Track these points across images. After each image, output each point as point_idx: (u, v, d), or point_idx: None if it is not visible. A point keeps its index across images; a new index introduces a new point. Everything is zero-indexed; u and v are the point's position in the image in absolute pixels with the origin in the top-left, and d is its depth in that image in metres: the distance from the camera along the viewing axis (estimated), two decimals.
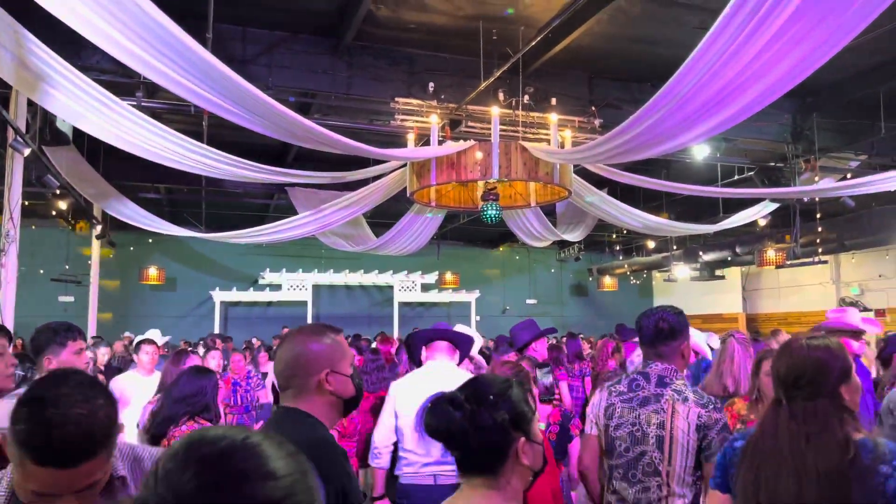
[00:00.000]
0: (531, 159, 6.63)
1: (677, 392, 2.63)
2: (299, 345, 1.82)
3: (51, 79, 4.48)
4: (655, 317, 2.76)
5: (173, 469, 0.79)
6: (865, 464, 1.77)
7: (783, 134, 8.77)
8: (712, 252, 14.48)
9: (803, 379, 1.91)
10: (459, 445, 1.51)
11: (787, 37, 3.44)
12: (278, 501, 0.78)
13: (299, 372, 1.77)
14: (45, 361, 2.87)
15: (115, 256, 13.66)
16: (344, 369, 1.82)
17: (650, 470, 2.60)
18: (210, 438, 0.81)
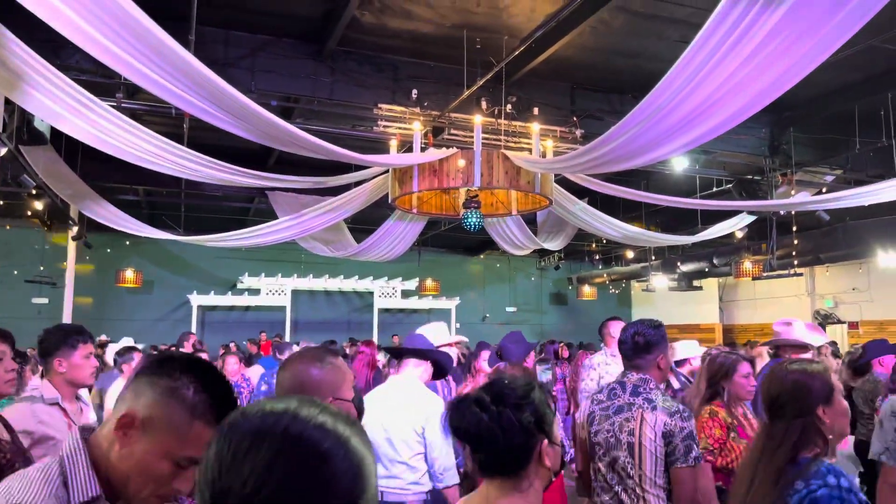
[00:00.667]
0: (513, 168, 6.66)
1: (648, 401, 2.79)
2: (301, 372, 1.81)
3: (29, 78, 4.42)
4: (632, 330, 2.92)
5: (248, 450, 0.79)
6: (788, 479, 1.90)
7: (761, 147, 8.89)
8: (690, 263, 14.64)
9: (781, 400, 2.03)
10: (485, 446, 1.53)
11: (765, 52, 3.50)
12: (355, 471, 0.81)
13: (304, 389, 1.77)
14: (55, 364, 2.82)
15: (91, 258, 13.49)
16: (346, 394, 1.82)
17: (623, 474, 2.78)
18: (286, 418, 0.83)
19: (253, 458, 0.78)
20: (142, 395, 1.27)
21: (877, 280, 14.62)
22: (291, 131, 5.12)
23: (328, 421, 0.84)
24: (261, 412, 0.84)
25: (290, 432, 0.81)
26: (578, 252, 16.52)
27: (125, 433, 1.26)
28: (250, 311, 15.67)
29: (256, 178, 6.94)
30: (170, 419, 1.26)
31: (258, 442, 0.80)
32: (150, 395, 1.27)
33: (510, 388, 1.57)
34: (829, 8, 3.09)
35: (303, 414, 0.83)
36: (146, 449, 1.26)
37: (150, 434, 1.26)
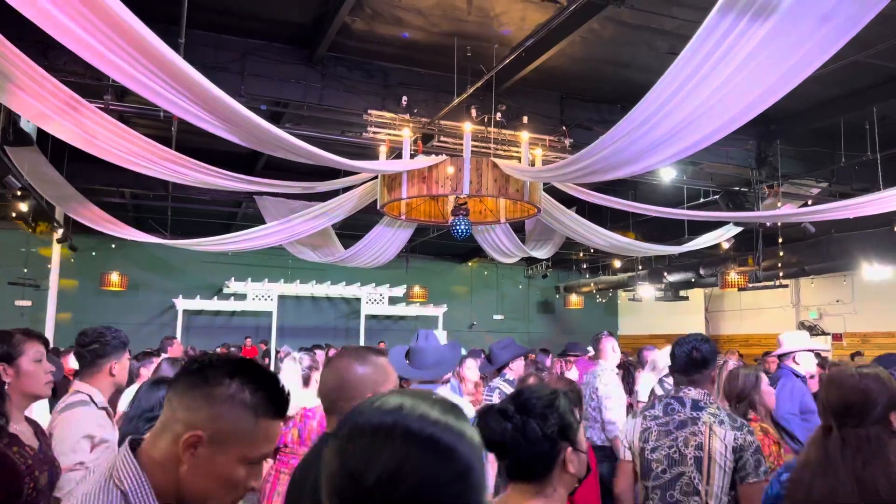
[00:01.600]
0: (502, 176, 6.67)
1: (713, 415, 2.78)
2: (343, 369, 1.84)
3: (16, 78, 4.38)
4: (689, 347, 2.94)
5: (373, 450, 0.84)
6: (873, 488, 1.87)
7: (748, 159, 8.97)
8: (677, 273, 14.72)
9: (854, 408, 2.00)
10: (509, 454, 1.58)
11: (753, 65, 3.54)
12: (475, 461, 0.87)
13: (344, 396, 1.78)
14: (109, 368, 2.80)
15: (75, 261, 13.38)
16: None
17: (689, 490, 2.72)
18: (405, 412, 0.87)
19: (380, 457, 0.83)
20: (200, 410, 1.25)
21: (861, 292, 14.75)
22: (280, 136, 5.11)
23: (441, 415, 0.88)
24: (377, 411, 0.88)
25: (411, 430, 0.85)
26: (566, 261, 16.56)
27: (193, 452, 1.24)
28: (236, 316, 15.58)
29: (244, 183, 6.91)
30: (237, 427, 1.25)
31: (384, 441, 0.84)
32: (209, 409, 1.25)
33: (535, 397, 1.62)
34: (816, 23, 3.13)
35: (418, 410, 0.87)
36: (221, 461, 1.25)
37: (221, 446, 1.25)
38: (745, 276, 12.25)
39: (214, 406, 1.24)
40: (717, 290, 15.71)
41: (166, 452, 1.25)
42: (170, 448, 1.25)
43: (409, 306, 16.68)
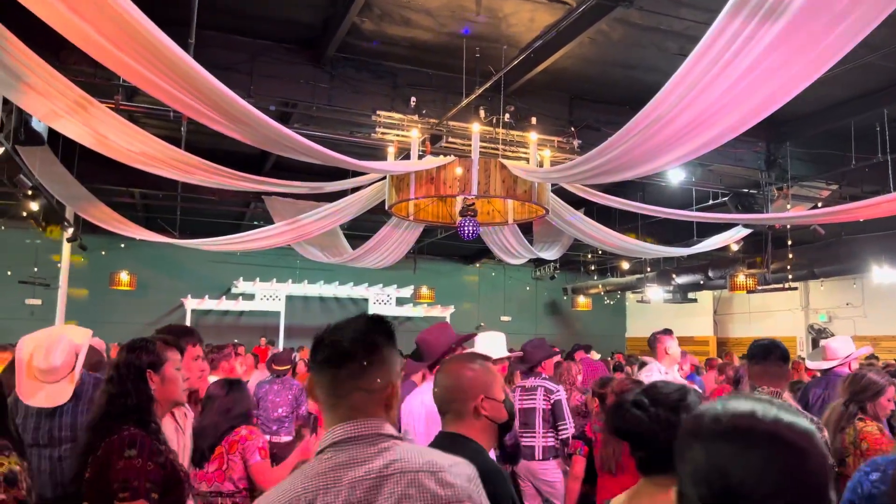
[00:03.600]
0: (510, 177, 6.66)
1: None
2: (455, 372, 2.00)
3: (28, 78, 4.41)
4: (767, 342, 3.14)
5: (732, 446, 0.95)
6: None
7: (757, 161, 8.93)
8: (685, 275, 14.66)
9: None
10: (646, 445, 1.64)
11: (763, 67, 3.52)
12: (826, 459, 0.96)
13: (458, 397, 1.95)
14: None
15: (85, 260, 13.45)
16: (497, 395, 1.99)
17: None
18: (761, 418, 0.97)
19: (744, 459, 0.93)
20: (384, 372, 1.48)
21: (871, 295, 14.65)
22: (290, 136, 5.12)
23: (790, 416, 0.98)
24: (733, 416, 0.99)
25: (770, 432, 0.95)
26: (574, 262, 16.53)
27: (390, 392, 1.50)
28: (244, 316, 15.62)
29: (253, 183, 6.93)
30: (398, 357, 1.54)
31: (746, 443, 0.95)
32: (389, 367, 1.49)
33: (665, 391, 1.70)
34: (827, 24, 3.11)
35: (771, 414, 0.97)
36: (397, 386, 1.53)
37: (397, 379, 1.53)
38: (754, 278, 12.20)
39: (389, 361, 1.49)
40: (726, 292, 15.63)
41: (377, 411, 1.47)
42: (378, 408, 1.47)
43: (416, 307, 16.69)
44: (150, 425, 2.24)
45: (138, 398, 2.24)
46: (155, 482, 2.08)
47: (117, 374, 2.30)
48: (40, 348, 3.11)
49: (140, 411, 2.23)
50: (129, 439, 2.12)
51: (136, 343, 2.41)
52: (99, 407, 2.29)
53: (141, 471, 2.07)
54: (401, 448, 1.43)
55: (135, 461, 2.07)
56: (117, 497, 2.04)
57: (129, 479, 2.05)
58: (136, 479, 2.05)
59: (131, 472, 2.06)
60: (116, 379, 2.29)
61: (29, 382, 3.10)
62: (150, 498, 2.05)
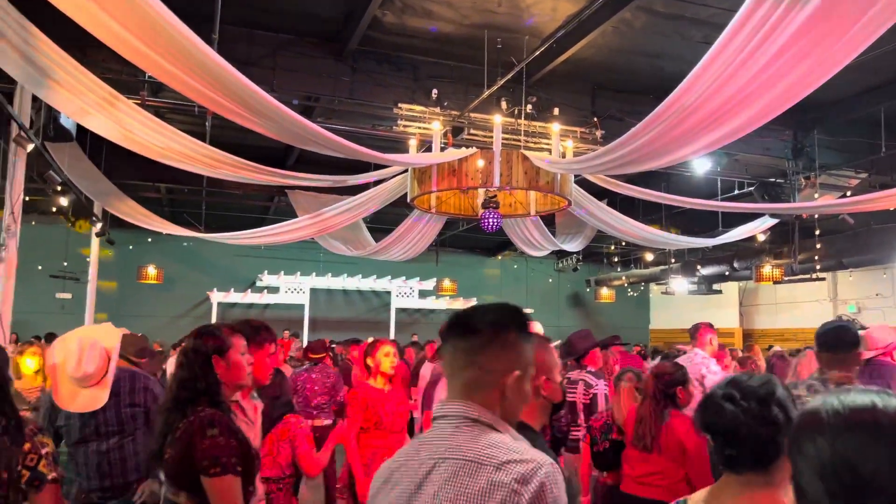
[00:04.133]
0: (532, 168, 6.65)
1: None
2: None
3: (56, 75, 4.49)
4: (836, 324, 3.11)
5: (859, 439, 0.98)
6: None
7: (784, 150, 8.80)
8: (710, 266, 14.52)
9: None
10: (737, 440, 1.60)
11: (790, 54, 3.47)
12: None
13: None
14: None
15: (113, 255, 13.65)
16: (555, 377, 2.05)
17: None
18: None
19: (873, 451, 0.96)
20: (504, 357, 1.47)
21: None
22: (313, 129, 5.15)
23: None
24: (855, 409, 1.01)
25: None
26: (597, 254, 16.44)
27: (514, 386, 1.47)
28: (269, 308, 15.77)
29: (277, 177, 6.99)
30: (530, 353, 1.52)
31: (873, 436, 0.97)
32: (511, 353, 1.47)
33: (753, 384, 1.66)
34: (857, 8, 3.05)
35: (892, 406, 1.00)
36: (525, 389, 1.50)
37: (527, 374, 1.50)
38: (780, 269, 12.04)
39: (513, 350, 1.48)
40: (752, 283, 15.44)
41: (488, 397, 1.45)
42: (491, 393, 1.46)
43: (438, 300, 16.72)
44: (222, 405, 2.35)
45: (206, 381, 2.34)
46: (238, 456, 2.19)
47: (186, 359, 2.40)
48: (72, 356, 3.17)
49: (210, 394, 2.33)
50: (209, 419, 2.22)
51: (204, 329, 2.52)
52: (170, 391, 2.40)
53: (225, 447, 2.17)
54: (472, 434, 1.41)
55: (218, 439, 2.18)
56: (207, 473, 2.14)
57: (217, 455, 2.15)
58: (223, 455, 2.16)
59: (217, 449, 2.16)
60: (185, 364, 2.39)
61: (65, 388, 3.19)
62: (236, 472, 2.17)
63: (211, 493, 2.15)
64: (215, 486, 2.15)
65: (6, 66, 4.34)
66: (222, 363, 2.42)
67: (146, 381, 3.59)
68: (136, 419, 3.44)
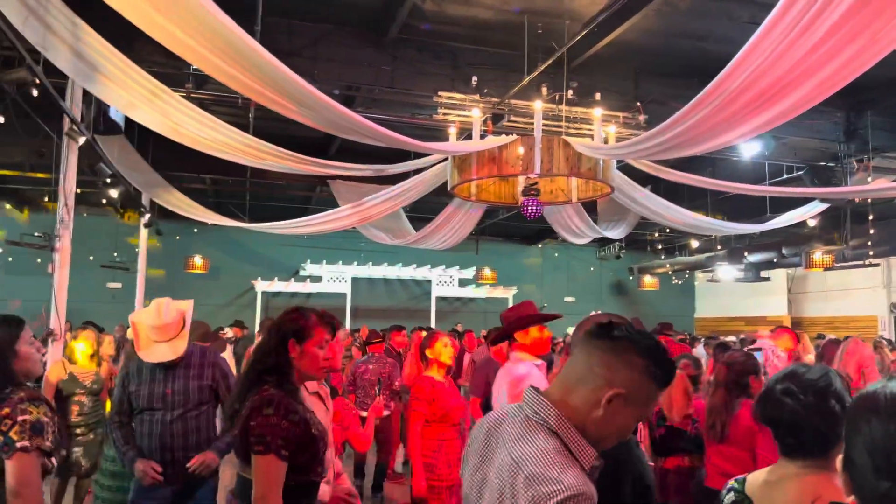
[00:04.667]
0: (574, 155, 6.57)
1: None
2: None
3: (105, 69, 4.60)
4: None
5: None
6: None
7: (835, 132, 8.53)
8: (758, 253, 14.19)
9: None
10: (797, 432, 1.67)
11: (842, 32, 3.35)
12: None
13: None
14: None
15: (161, 245, 13.99)
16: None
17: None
18: None
19: None
20: (620, 372, 1.47)
21: None
22: (355, 119, 5.18)
23: None
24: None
25: None
26: (640, 241, 16.22)
27: (609, 405, 1.45)
28: (312, 297, 15.98)
29: (318, 167, 7.05)
30: (648, 393, 1.49)
31: None
32: (629, 373, 1.47)
33: (812, 377, 1.71)
34: None
35: None
36: (626, 416, 1.48)
37: (631, 405, 1.47)
38: (831, 255, 11.70)
39: (635, 373, 1.47)
40: (801, 270, 15.06)
41: (585, 400, 1.47)
42: (588, 396, 1.47)
43: (478, 288, 16.72)
44: (287, 386, 2.38)
45: (277, 360, 2.40)
46: (287, 440, 2.22)
47: (268, 333, 2.48)
48: (150, 311, 3.51)
49: (279, 373, 2.38)
50: (268, 398, 2.27)
51: (292, 310, 2.57)
52: (249, 359, 2.50)
53: (275, 427, 2.21)
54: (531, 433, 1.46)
55: (271, 418, 2.22)
56: (252, 450, 2.21)
57: (264, 434, 2.20)
58: (270, 435, 2.20)
59: (266, 428, 2.21)
60: (266, 337, 2.47)
61: (145, 340, 3.47)
62: (280, 454, 2.20)
63: (253, 470, 2.21)
64: (257, 463, 2.20)
65: (58, 61, 4.46)
66: (297, 349, 2.44)
67: (215, 356, 3.76)
68: (203, 393, 3.56)
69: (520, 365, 3.69)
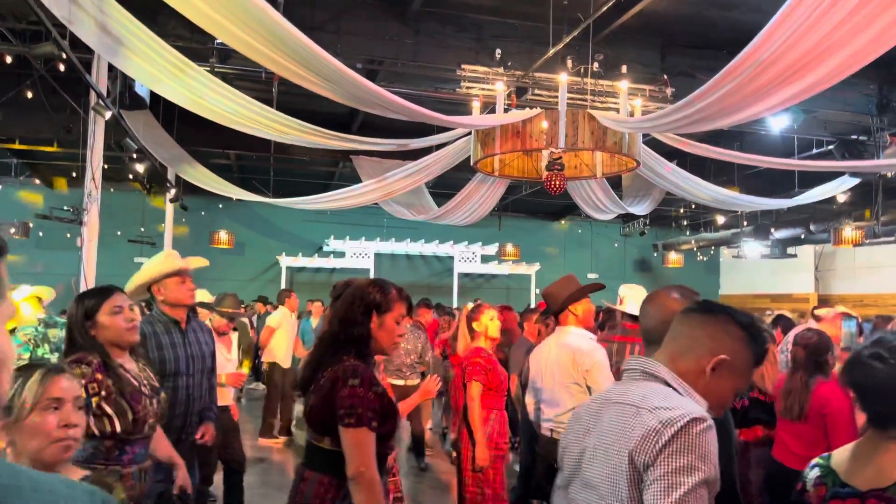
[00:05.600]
0: (599, 128, 6.49)
1: None
2: (668, 303, 2.05)
3: (130, 43, 4.63)
4: None
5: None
6: None
7: (867, 105, 8.32)
8: (785, 229, 13.97)
9: None
10: (886, 398, 1.63)
11: (874, 2, 3.25)
12: None
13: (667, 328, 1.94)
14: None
15: (187, 220, 14.14)
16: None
17: None
18: None
19: None
20: (723, 342, 1.56)
21: None
22: (377, 91, 5.16)
23: None
24: None
25: None
26: (665, 217, 16.06)
27: (714, 371, 1.55)
28: (336, 273, 16.09)
29: (342, 141, 7.06)
30: (747, 364, 1.58)
31: None
32: (731, 343, 1.56)
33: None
34: None
35: None
36: (727, 386, 1.57)
37: (733, 374, 1.57)
38: (861, 231, 11.48)
39: (735, 342, 1.56)
40: (829, 246, 14.81)
41: (689, 369, 1.56)
42: (693, 366, 1.56)
43: (501, 265, 16.70)
44: (368, 358, 2.36)
45: (361, 330, 2.36)
46: (374, 411, 2.20)
47: (352, 303, 2.41)
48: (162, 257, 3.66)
49: (361, 343, 2.35)
50: (352, 369, 2.24)
51: (375, 280, 2.53)
52: (330, 325, 2.43)
53: (364, 399, 2.19)
54: (642, 385, 1.57)
55: (358, 389, 2.19)
56: (342, 422, 2.17)
57: (355, 405, 2.17)
58: (361, 407, 2.17)
59: (356, 400, 2.18)
60: (350, 306, 2.41)
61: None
62: (371, 426, 2.18)
63: (344, 442, 2.18)
64: (349, 436, 2.17)
65: (84, 35, 4.49)
66: (377, 321, 2.40)
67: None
68: (212, 358, 3.63)
69: (584, 336, 3.88)
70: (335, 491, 2.20)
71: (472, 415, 4.13)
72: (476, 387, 4.16)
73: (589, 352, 3.75)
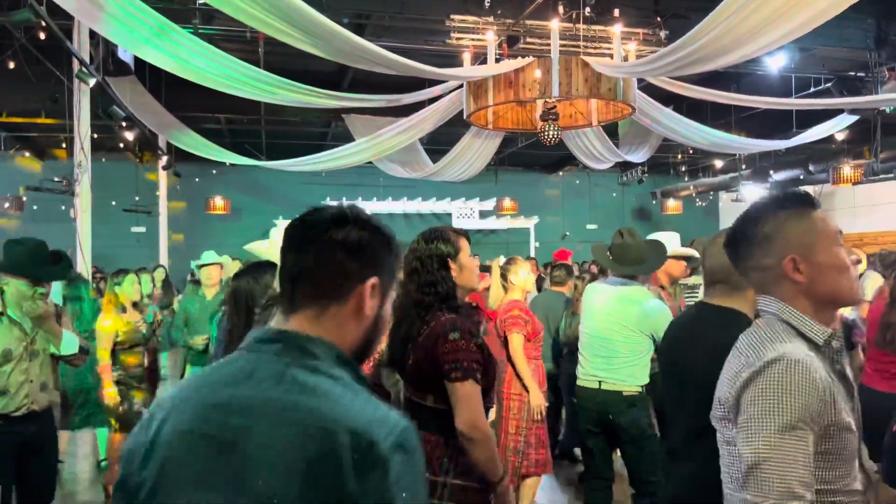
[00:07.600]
0: (593, 75, 6.39)
1: None
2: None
3: (109, 7, 4.50)
4: None
5: None
6: None
7: (865, 40, 8.18)
8: (784, 171, 13.87)
9: None
10: None
11: None
12: None
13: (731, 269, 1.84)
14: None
15: (181, 187, 14.03)
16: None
17: None
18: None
19: None
20: (782, 240, 1.50)
21: None
22: (365, 46, 5.06)
23: None
24: None
25: None
26: (663, 164, 15.96)
27: (795, 265, 1.47)
28: None
29: (332, 99, 6.95)
30: (812, 237, 1.50)
31: None
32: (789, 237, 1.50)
33: None
34: None
35: None
36: (822, 270, 1.47)
37: (813, 256, 1.48)
38: (860, 169, 11.41)
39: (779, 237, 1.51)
40: (828, 186, 14.74)
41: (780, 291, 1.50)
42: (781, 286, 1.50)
43: (499, 219, 16.65)
44: (460, 310, 2.32)
45: (446, 286, 2.31)
46: (478, 363, 2.17)
47: (421, 264, 2.36)
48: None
49: (449, 298, 2.30)
50: (451, 323, 2.20)
51: (433, 233, 2.45)
52: (408, 294, 2.35)
53: (467, 352, 2.14)
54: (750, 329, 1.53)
55: (460, 342, 2.15)
56: (449, 377, 2.13)
57: (459, 359, 2.13)
58: (466, 360, 2.13)
59: (460, 354, 2.13)
60: (421, 269, 2.35)
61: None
62: (476, 378, 2.14)
63: (453, 397, 2.13)
64: (457, 391, 2.11)
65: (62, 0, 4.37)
66: (455, 266, 2.36)
67: None
68: None
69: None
70: (442, 448, 2.17)
71: (519, 364, 4.17)
72: (517, 338, 4.21)
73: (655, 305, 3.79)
